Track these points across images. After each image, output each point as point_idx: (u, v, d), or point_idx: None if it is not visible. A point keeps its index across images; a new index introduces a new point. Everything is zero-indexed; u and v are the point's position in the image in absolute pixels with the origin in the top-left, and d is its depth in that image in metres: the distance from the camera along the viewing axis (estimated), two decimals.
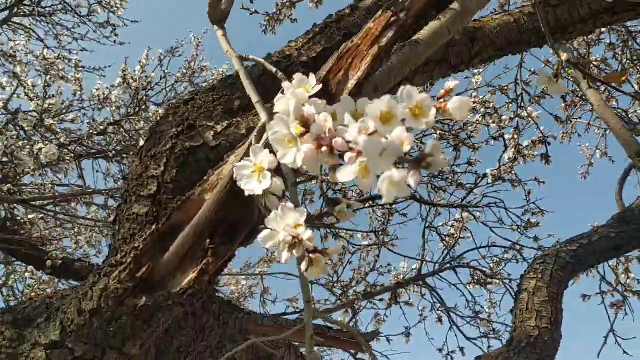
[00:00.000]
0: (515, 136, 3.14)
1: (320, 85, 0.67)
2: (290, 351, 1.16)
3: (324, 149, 0.58)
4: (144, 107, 4.48)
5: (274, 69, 0.84)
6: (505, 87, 3.15)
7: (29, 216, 2.81)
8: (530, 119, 2.79)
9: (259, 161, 0.69)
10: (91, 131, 3.70)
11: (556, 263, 1.79)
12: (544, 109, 2.85)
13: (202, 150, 1.03)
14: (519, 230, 3.70)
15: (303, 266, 0.64)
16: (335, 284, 3.82)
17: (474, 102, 3.29)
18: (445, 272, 3.87)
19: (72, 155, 3.07)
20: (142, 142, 3.58)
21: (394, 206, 3.80)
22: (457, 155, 3.54)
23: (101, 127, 3.74)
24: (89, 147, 3.68)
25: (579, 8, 1.23)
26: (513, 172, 3.45)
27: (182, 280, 0.80)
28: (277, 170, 0.70)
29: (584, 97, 2.67)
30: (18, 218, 2.83)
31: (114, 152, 3.54)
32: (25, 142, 2.63)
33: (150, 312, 0.77)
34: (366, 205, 3.58)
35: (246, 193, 0.70)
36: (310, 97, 0.67)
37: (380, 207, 3.81)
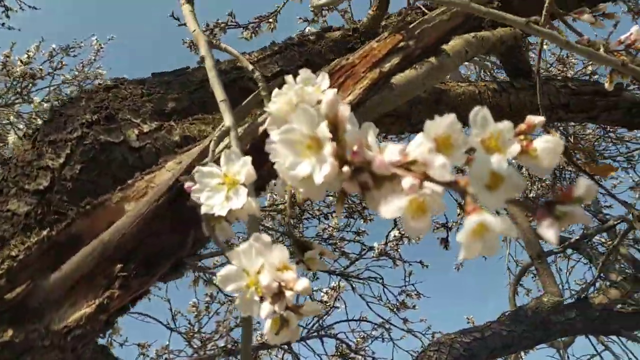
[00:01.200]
0: None
1: (336, 90, 0.51)
2: None
3: (345, 168, 0.42)
4: (21, 99, 3.98)
5: (250, 67, 0.66)
6: None
7: None
8: None
9: (233, 171, 0.50)
10: None
11: (450, 354, 1.72)
12: (449, 194, 2.88)
13: (120, 149, 0.81)
14: (392, 309, 3.67)
15: (271, 327, 0.45)
16: (196, 334, 3.49)
17: None
18: (312, 339, 3.72)
19: None
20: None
21: None
22: (348, 223, 3.49)
23: None
24: None
25: (533, 96, 1.20)
26: (398, 250, 3.45)
27: (70, 314, 0.56)
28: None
29: None
30: None
31: None
32: None
33: (14, 352, 0.52)
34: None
35: (202, 210, 0.51)
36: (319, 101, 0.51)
37: None
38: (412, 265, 3.27)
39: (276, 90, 0.51)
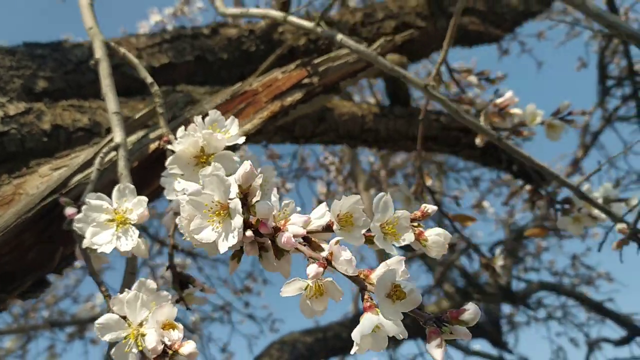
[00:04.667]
0: None
1: (244, 138, 0.50)
2: None
3: (249, 233, 0.41)
4: None
5: (149, 79, 0.62)
6: None
7: None
8: None
9: (125, 209, 0.48)
10: None
11: (292, 353, 1.79)
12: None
13: None
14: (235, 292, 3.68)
15: None
16: None
17: None
18: None
19: None
20: None
21: None
22: None
23: None
24: None
25: (414, 127, 1.27)
26: None
27: None
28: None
29: None
30: None
31: None
32: None
33: None
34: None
35: (84, 244, 0.48)
36: (228, 147, 0.50)
37: None
38: None
39: (182, 130, 0.49)
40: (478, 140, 0.88)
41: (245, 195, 0.41)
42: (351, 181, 2.56)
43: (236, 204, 0.39)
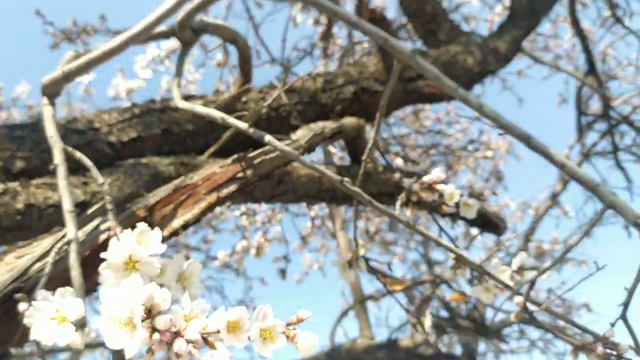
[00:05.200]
0: None
1: (165, 247, 0.62)
2: None
3: (155, 336, 0.53)
4: None
5: (100, 179, 0.74)
6: None
7: None
8: None
9: (65, 309, 0.59)
10: None
11: None
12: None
13: None
14: None
15: None
16: None
17: None
18: None
19: None
20: None
21: None
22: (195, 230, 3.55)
23: None
24: None
25: (370, 185, 1.39)
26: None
27: None
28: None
29: None
30: None
31: None
32: None
33: None
34: None
35: (31, 336, 0.59)
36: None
37: None
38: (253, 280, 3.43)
39: (115, 241, 0.61)
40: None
41: (149, 310, 0.52)
42: (329, 220, 2.67)
43: (138, 320, 0.50)
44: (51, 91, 0.81)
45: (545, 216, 3.20)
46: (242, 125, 0.84)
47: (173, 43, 1.64)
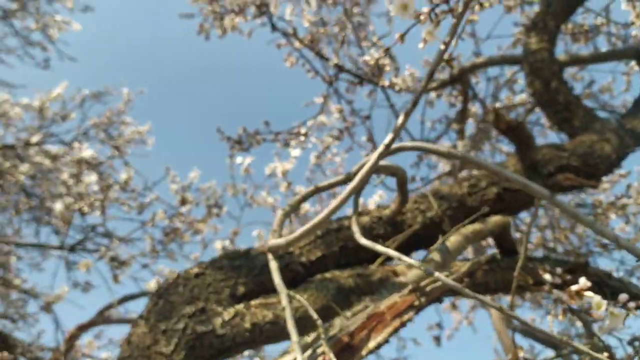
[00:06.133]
0: None
1: None
2: None
3: None
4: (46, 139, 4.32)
5: (319, 321, 0.99)
6: None
7: None
8: None
9: None
10: None
11: None
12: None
13: (209, 336, 1.14)
14: None
15: None
16: None
17: None
18: None
19: None
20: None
21: None
22: None
23: None
24: None
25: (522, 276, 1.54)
26: None
27: None
28: None
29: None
30: None
31: None
32: None
33: None
34: None
35: None
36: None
37: None
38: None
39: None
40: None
41: None
42: None
43: None
44: (274, 250, 1.09)
45: None
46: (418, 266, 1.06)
47: None
